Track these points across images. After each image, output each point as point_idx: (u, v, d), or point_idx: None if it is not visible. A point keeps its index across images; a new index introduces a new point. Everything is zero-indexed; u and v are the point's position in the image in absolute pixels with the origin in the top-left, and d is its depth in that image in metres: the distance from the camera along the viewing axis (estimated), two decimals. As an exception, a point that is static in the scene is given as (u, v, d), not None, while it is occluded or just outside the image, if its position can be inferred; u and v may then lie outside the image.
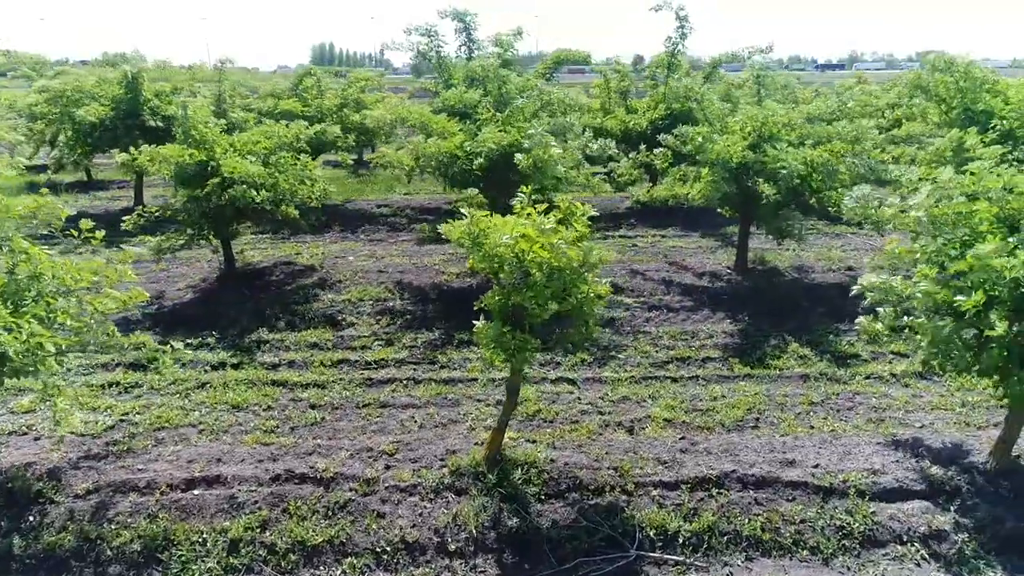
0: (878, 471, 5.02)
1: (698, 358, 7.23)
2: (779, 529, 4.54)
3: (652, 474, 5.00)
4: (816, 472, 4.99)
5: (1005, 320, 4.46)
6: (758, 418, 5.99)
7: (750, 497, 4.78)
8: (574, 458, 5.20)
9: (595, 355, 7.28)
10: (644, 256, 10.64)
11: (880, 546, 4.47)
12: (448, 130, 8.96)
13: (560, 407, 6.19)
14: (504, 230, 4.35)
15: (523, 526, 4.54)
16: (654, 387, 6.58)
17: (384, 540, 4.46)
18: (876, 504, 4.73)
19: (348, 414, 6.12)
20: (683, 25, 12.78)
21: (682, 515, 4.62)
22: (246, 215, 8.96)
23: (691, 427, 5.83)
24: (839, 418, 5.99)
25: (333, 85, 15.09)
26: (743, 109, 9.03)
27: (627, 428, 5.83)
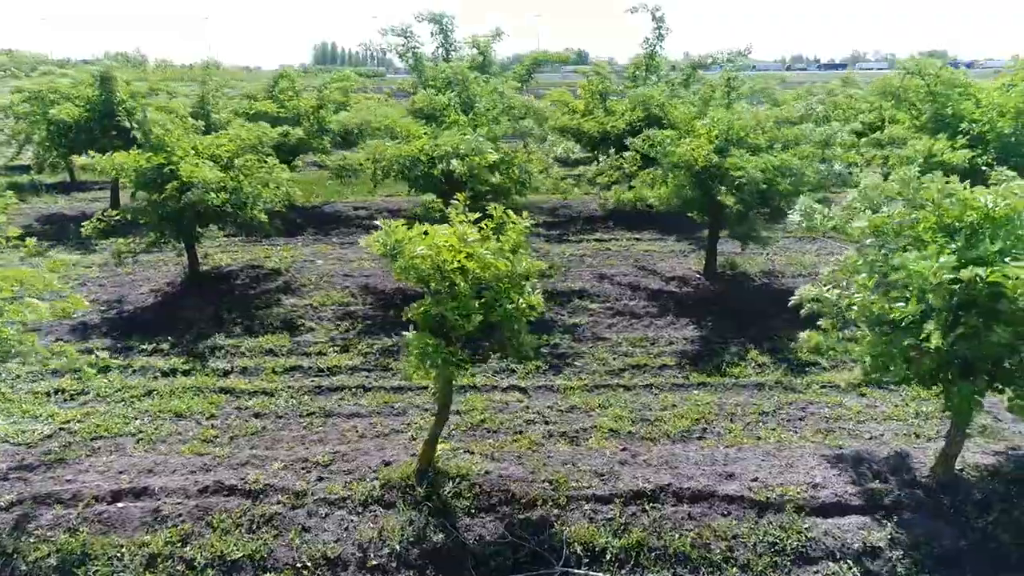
0: (818, 485, 4.92)
1: (655, 366, 7.14)
2: (709, 545, 4.45)
3: (587, 487, 4.90)
4: (754, 486, 4.89)
5: (939, 331, 4.38)
6: (705, 428, 5.89)
7: (684, 512, 4.69)
8: (511, 470, 5.10)
9: (551, 363, 7.18)
10: (615, 260, 10.55)
11: (812, 563, 4.37)
12: (412, 133, 8.88)
13: (507, 416, 6.09)
14: (423, 241, 4.26)
15: (448, 541, 4.45)
16: (605, 396, 6.48)
17: (306, 555, 4.37)
18: (812, 519, 4.63)
19: (291, 423, 6.03)
20: (660, 26, 12.71)
21: (612, 530, 4.53)
22: (208, 218, 8.89)
23: (635, 438, 5.74)
24: (788, 429, 5.90)
25: (309, 86, 14.97)
26: (711, 112, 8.92)
27: (571, 439, 5.74)
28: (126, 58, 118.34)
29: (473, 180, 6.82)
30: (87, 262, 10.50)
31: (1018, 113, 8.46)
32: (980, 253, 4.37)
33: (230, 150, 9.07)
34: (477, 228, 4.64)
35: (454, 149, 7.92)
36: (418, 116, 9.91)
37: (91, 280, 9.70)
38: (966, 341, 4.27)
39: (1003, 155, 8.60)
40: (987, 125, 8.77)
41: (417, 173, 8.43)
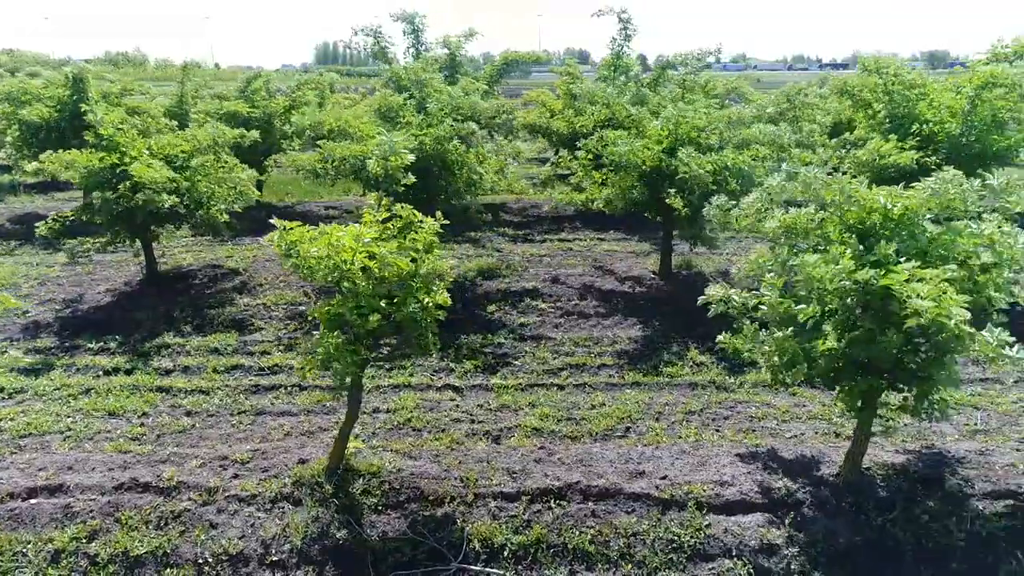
0: (726, 483, 4.96)
1: (594, 365, 7.18)
2: (609, 542, 4.49)
3: (497, 485, 4.95)
4: (662, 484, 4.94)
5: (834, 332, 4.42)
6: (629, 428, 5.94)
7: (588, 509, 4.73)
8: (425, 468, 5.16)
9: (489, 363, 7.23)
10: (574, 260, 10.59)
11: (708, 560, 4.41)
12: (364, 133, 8.93)
13: (435, 415, 6.15)
14: (319, 241, 4.31)
15: (350, 538, 4.51)
16: (538, 395, 6.53)
17: (209, 552, 4.43)
18: (715, 517, 4.68)
19: (220, 422, 6.09)
20: (626, 27, 12.73)
21: (513, 528, 4.57)
22: (162, 219, 8.95)
23: (557, 436, 5.79)
24: (711, 428, 5.94)
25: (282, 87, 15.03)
26: (664, 113, 8.95)
27: (493, 437, 5.79)
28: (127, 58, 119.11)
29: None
30: (50, 261, 10.58)
31: (966, 114, 8.47)
32: (877, 255, 4.42)
33: (185, 150, 9.13)
34: (382, 228, 4.70)
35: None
36: (382, 116, 9.97)
37: (51, 279, 9.79)
38: (860, 344, 4.31)
39: (952, 156, 8.61)
40: (937, 126, 8.78)
41: (367, 173, 8.47)
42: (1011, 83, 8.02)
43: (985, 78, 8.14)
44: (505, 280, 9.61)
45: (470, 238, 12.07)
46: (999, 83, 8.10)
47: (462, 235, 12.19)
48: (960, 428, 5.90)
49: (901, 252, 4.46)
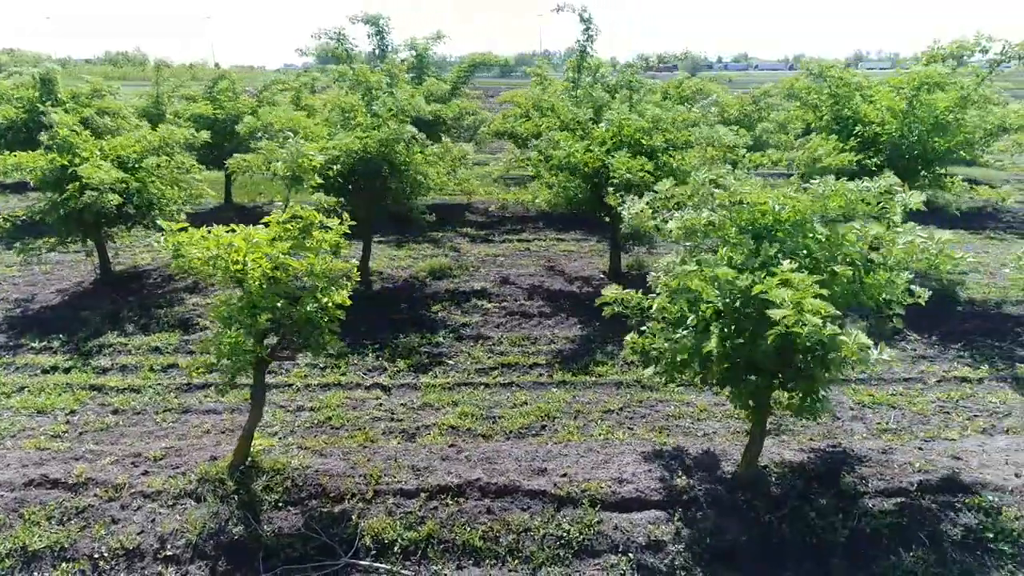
0: (625, 480, 5.04)
1: (526, 365, 7.26)
2: (499, 538, 4.57)
3: (399, 482, 5.04)
4: (560, 481, 5.01)
5: (719, 335, 4.50)
6: (544, 426, 6.02)
7: (484, 506, 4.81)
8: (332, 465, 5.24)
9: (423, 361, 7.31)
10: (528, 260, 10.67)
11: (595, 556, 4.49)
12: (314, 134, 9.01)
13: (356, 414, 6.23)
14: (206, 242, 4.39)
15: (245, 533, 4.59)
16: (464, 394, 6.61)
17: (106, 546, 4.51)
18: (608, 514, 4.75)
19: (145, 419, 6.18)
20: (588, 27, 12.80)
21: (407, 524, 4.65)
22: (111, 219, 9.04)
23: (472, 434, 5.86)
24: (626, 426, 6.01)
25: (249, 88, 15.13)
26: (607, 115, 9.03)
27: (409, 435, 5.87)
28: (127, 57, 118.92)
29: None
30: (9, 260, 10.67)
31: (904, 115, 8.53)
32: (762, 258, 4.50)
33: (136, 151, 9.22)
34: (282, 229, 4.79)
35: (343, 150, 8.06)
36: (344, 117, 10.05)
37: (8, 279, 9.88)
38: (744, 346, 4.39)
39: (895, 157, 8.68)
40: (879, 127, 8.84)
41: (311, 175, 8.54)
42: (944, 83, 8.08)
43: (921, 79, 8.20)
44: (455, 280, 9.69)
45: (431, 238, 12.17)
46: (933, 84, 8.16)
47: (423, 235, 12.30)
48: (872, 427, 5.97)
49: (790, 253, 4.54)
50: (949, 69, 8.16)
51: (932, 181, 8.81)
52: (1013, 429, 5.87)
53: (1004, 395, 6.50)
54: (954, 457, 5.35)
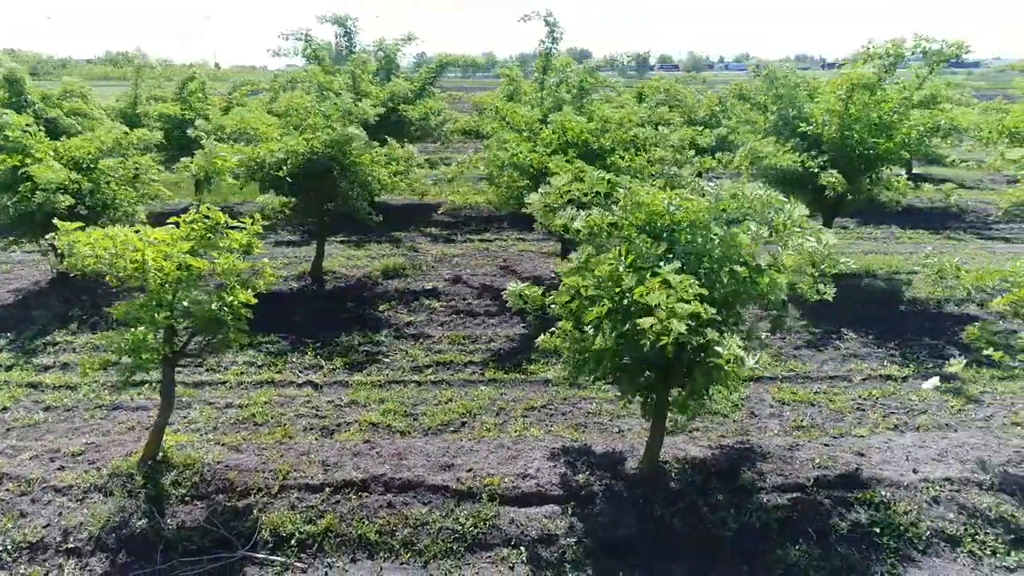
0: (528, 476, 5.13)
1: (461, 363, 7.35)
2: (395, 532, 4.66)
3: (307, 477, 5.13)
4: (464, 477, 5.11)
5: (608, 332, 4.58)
6: (464, 423, 6.11)
7: (385, 501, 4.91)
8: (245, 461, 5.34)
9: (359, 359, 7.40)
10: (484, 260, 10.76)
11: (487, 549, 4.58)
12: (266, 135, 9.11)
13: (283, 411, 6.32)
14: (100, 242, 4.49)
15: (148, 527, 4.68)
16: (392, 391, 6.70)
17: (11, 539, 4.61)
18: (506, 508, 4.85)
19: (74, 416, 6.28)
20: (553, 30, 12.86)
21: (307, 518, 4.75)
22: (64, 219, 9.12)
23: (390, 431, 5.96)
24: (545, 423, 6.10)
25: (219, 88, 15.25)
26: (552, 116, 9.12)
27: (329, 432, 5.96)
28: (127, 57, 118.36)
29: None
30: (-29, 261, 10.80)
31: (843, 115, 8.60)
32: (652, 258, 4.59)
33: (91, 152, 9.33)
34: (189, 229, 4.89)
35: (289, 152, 8.17)
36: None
37: (-33, 279, 10.00)
38: (629, 344, 4.47)
39: (838, 157, 8.75)
40: (822, 128, 8.91)
41: (261, 175, 8.66)
42: (872, 84, 8.15)
43: (852, 80, 8.27)
44: (407, 280, 9.79)
45: (394, 238, 12.28)
46: (862, 85, 8.23)
47: (386, 236, 12.41)
48: (786, 424, 6.05)
49: (684, 254, 4.62)
50: (875, 69, 8.22)
51: (874, 181, 8.88)
52: (923, 426, 5.95)
53: (925, 393, 6.57)
54: (858, 454, 5.44)
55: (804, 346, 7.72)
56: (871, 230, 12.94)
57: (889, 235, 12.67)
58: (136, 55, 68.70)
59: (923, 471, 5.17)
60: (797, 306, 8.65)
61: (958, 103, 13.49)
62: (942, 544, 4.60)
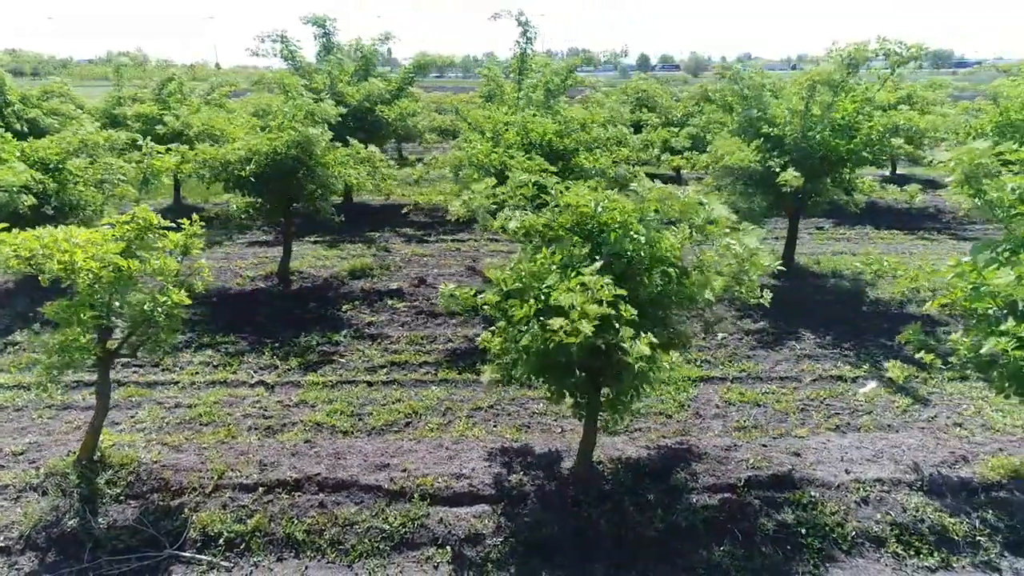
0: (462, 476, 5.16)
1: (416, 363, 7.38)
2: (323, 531, 4.69)
3: (243, 477, 5.16)
4: (398, 477, 5.14)
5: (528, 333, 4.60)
6: (409, 422, 6.14)
7: (317, 500, 4.94)
8: (184, 460, 5.37)
9: (315, 360, 7.43)
10: (453, 260, 10.80)
11: (414, 548, 4.61)
12: (230, 135, 9.15)
13: (231, 410, 6.35)
14: (27, 244, 4.51)
15: (79, 526, 4.72)
16: (343, 391, 6.73)
17: (-58, 538, 4.65)
18: (436, 508, 4.88)
19: (23, 416, 6.31)
20: (526, 30, 12.91)
21: (237, 517, 4.78)
22: (28, 220, 9.17)
23: (334, 431, 5.98)
24: (489, 423, 6.13)
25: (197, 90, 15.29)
26: (512, 117, 9.14)
27: (273, 432, 5.99)
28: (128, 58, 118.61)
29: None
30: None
31: (805, 115, 8.61)
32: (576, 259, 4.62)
33: (57, 153, 9.37)
34: (122, 229, 4.92)
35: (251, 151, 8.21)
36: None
37: (-64, 278, 10.05)
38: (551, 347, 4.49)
39: (798, 158, 8.76)
40: (785, 128, 8.92)
41: (225, 175, 8.69)
42: (831, 83, 8.17)
43: (811, 79, 8.29)
44: (373, 280, 9.83)
45: (368, 238, 12.32)
46: (822, 84, 8.24)
47: (361, 235, 12.45)
48: (729, 424, 6.07)
49: (612, 254, 4.65)
50: (834, 68, 8.23)
51: (837, 182, 8.89)
52: (865, 427, 5.97)
53: (873, 393, 6.59)
54: (794, 454, 5.46)
55: (760, 346, 7.74)
56: (845, 231, 12.95)
57: (863, 235, 12.68)
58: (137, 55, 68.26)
59: (856, 472, 5.19)
60: (757, 307, 8.67)
61: (933, 103, 13.50)
62: (867, 544, 4.63)
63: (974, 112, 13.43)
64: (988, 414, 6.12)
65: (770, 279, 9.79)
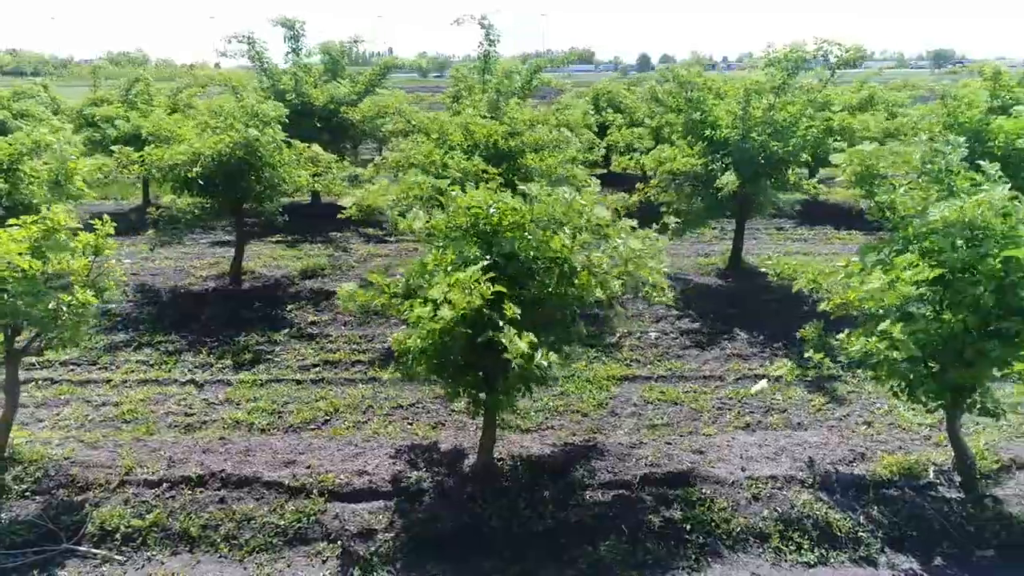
0: (365, 473, 5.26)
1: (348, 362, 7.47)
2: (219, 527, 4.78)
3: (149, 473, 5.26)
4: (302, 473, 5.23)
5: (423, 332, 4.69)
6: (327, 420, 6.23)
7: (218, 496, 5.03)
8: (95, 457, 5.47)
9: (249, 358, 7.52)
10: (407, 260, 10.87)
11: (306, 544, 4.70)
12: (180, 136, 9.25)
13: (156, 408, 6.45)
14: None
15: (-21, 521, 4.82)
16: (271, 389, 6.83)
17: None
18: (334, 504, 4.97)
19: (-49, 413, 6.41)
20: (489, 32, 13.00)
21: (137, 512, 4.87)
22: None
23: (251, 428, 6.08)
24: (407, 420, 6.22)
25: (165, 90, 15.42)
26: (456, 119, 9.24)
27: (192, 429, 6.09)
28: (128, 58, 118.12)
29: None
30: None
31: (741, 119, 8.68)
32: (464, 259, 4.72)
33: (9, 154, 9.47)
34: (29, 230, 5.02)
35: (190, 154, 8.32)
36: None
37: None
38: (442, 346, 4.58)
39: (738, 160, 8.84)
40: (726, 131, 8.99)
41: (172, 176, 8.80)
42: (761, 89, 8.25)
43: (746, 84, 8.37)
44: (324, 280, 9.93)
45: (329, 238, 12.43)
46: (756, 91, 8.33)
47: (323, 235, 12.56)
48: (643, 423, 6.15)
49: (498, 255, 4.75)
50: (763, 73, 8.31)
51: (777, 184, 8.96)
52: (774, 425, 6.05)
53: (792, 392, 6.67)
54: (697, 452, 5.54)
55: (693, 346, 7.82)
56: (804, 231, 13.02)
57: (822, 236, 12.75)
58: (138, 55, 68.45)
59: (751, 469, 5.28)
60: (696, 307, 8.77)
61: (897, 104, 13.56)
62: (751, 540, 4.71)
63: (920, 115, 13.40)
64: (900, 413, 6.20)
65: (716, 279, 9.89)
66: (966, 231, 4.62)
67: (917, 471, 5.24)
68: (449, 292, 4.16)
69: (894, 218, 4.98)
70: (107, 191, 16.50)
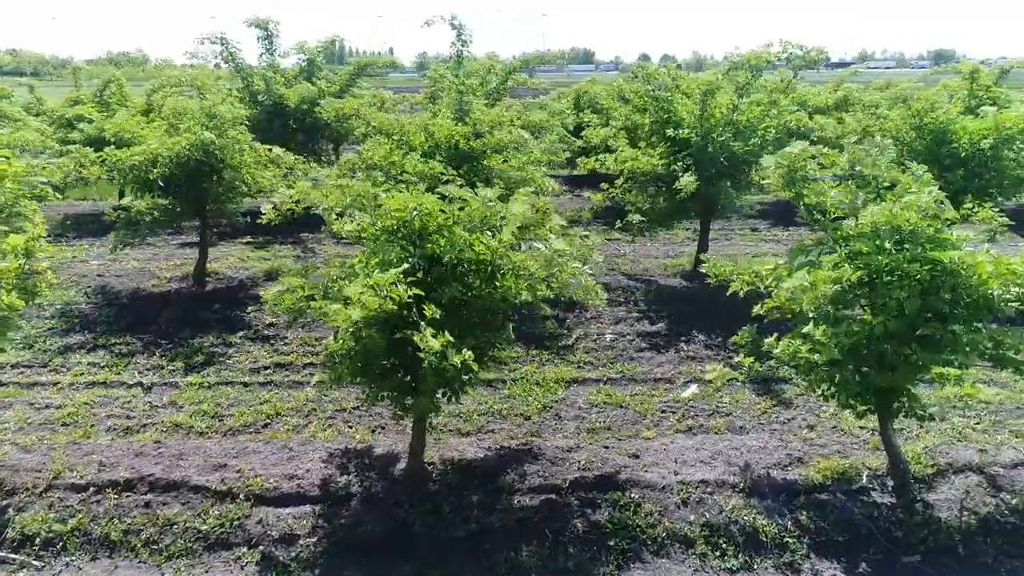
0: (295, 477, 5.22)
1: (300, 364, 7.44)
2: (141, 531, 4.75)
3: (77, 477, 5.23)
4: (231, 477, 5.19)
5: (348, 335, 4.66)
6: (267, 424, 6.19)
7: (144, 500, 5.00)
8: (26, 460, 5.44)
9: (200, 361, 7.49)
10: (374, 261, 10.84)
11: (227, 549, 4.66)
12: (140, 138, 9.22)
13: (98, 411, 6.41)
14: None
15: (-99, 525, 4.79)
16: (217, 392, 6.79)
17: None
18: (260, 508, 4.93)
19: None
20: (460, 33, 12.93)
21: (59, 517, 4.84)
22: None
23: (190, 432, 6.04)
24: (348, 423, 6.18)
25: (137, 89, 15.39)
26: (415, 119, 9.20)
27: (131, 433, 6.05)
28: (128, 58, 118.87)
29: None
30: None
31: (700, 120, 8.64)
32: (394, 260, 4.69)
33: (-28, 156, 9.45)
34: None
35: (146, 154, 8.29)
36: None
37: None
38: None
39: (698, 160, 8.79)
40: (689, 131, 8.94)
41: (130, 177, 8.77)
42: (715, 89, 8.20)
43: (704, 84, 8.32)
44: (287, 281, 9.87)
45: (300, 240, 12.39)
46: (711, 91, 8.28)
47: (295, 237, 12.52)
48: (584, 426, 6.10)
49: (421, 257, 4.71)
50: (721, 74, 8.26)
51: (738, 185, 8.91)
52: (716, 429, 6.01)
53: (742, 395, 6.62)
54: (633, 455, 5.50)
55: (649, 348, 7.78)
56: (779, 232, 12.97)
57: (796, 236, 12.68)
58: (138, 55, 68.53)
59: (684, 473, 5.23)
60: (660, 306, 8.73)
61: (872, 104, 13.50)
62: (676, 545, 4.66)
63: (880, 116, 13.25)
64: (844, 416, 6.15)
65: (681, 281, 9.85)
66: (895, 234, 4.57)
67: (851, 476, 5.19)
68: (363, 294, 4.12)
69: (824, 220, 4.93)
70: (86, 192, 16.53)
